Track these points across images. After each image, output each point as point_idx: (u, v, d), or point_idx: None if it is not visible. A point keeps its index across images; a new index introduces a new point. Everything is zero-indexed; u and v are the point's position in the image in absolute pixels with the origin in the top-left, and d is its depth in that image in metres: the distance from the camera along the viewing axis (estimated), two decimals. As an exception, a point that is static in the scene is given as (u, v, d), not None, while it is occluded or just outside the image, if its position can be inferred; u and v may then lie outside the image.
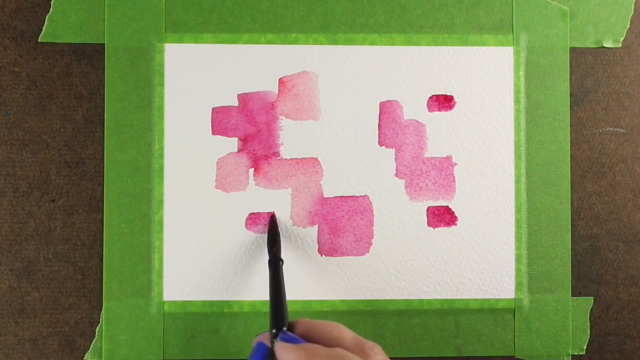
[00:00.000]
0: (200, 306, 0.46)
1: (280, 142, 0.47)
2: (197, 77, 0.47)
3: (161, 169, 0.46)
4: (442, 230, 0.47)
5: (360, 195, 0.47)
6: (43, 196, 0.46)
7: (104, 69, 0.46)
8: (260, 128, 0.47)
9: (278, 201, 0.46)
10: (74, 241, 0.46)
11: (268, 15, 0.47)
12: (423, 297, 0.47)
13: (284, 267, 0.43)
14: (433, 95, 0.47)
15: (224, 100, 0.47)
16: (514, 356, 0.47)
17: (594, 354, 0.48)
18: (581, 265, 0.48)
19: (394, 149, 0.47)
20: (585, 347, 0.47)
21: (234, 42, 0.47)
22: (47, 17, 0.46)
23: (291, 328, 0.37)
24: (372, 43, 0.47)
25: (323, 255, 0.47)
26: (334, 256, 0.47)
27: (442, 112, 0.47)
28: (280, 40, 0.47)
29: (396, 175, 0.47)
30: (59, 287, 0.46)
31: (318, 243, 0.47)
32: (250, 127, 0.47)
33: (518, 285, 0.47)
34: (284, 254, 0.46)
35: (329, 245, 0.47)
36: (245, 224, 0.46)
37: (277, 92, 0.47)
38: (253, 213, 0.46)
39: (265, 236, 0.46)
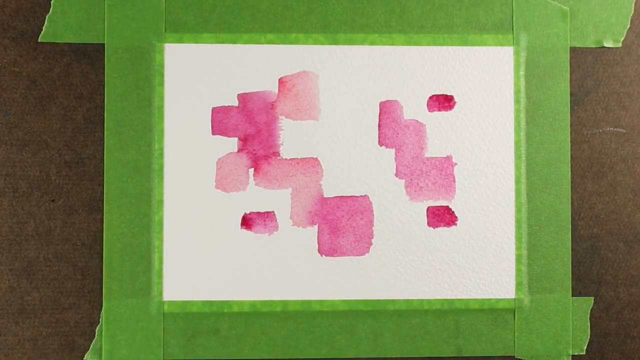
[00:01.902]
0: (200, 306, 0.46)
1: (280, 142, 0.47)
2: (197, 77, 0.47)
3: (161, 169, 0.46)
4: (442, 230, 0.47)
5: (360, 195, 0.47)
6: (43, 196, 0.46)
7: (104, 69, 0.46)
8: (260, 128, 0.47)
9: (278, 201, 0.46)
10: (74, 241, 0.46)
11: (268, 15, 0.47)
12: (423, 297, 0.47)
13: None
14: (433, 95, 0.47)
15: (224, 100, 0.47)
16: (514, 356, 0.47)
17: (594, 354, 0.48)
18: (581, 265, 0.48)
19: (394, 149, 0.47)
20: (585, 347, 0.47)
21: (234, 42, 0.47)
22: (47, 17, 0.46)
23: None
24: (372, 43, 0.47)
25: (323, 255, 0.47)
26: (334, 256, 0.47)
27: (442, 112, 0.47)
28: (280, 40, 0.47)
29: (396, 175, 0.47)
30: (59, 287, 0.46)
31: (318, 243, 0.46)
32: (250, 127, 0.47)
33: (518, 285, 0.47)
34: (284, 254, 0.46)
35: (329, 245, 0.47)
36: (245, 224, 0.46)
37: (277, 92, 0.47)
38: (253, 213, 0.46)
39: None
